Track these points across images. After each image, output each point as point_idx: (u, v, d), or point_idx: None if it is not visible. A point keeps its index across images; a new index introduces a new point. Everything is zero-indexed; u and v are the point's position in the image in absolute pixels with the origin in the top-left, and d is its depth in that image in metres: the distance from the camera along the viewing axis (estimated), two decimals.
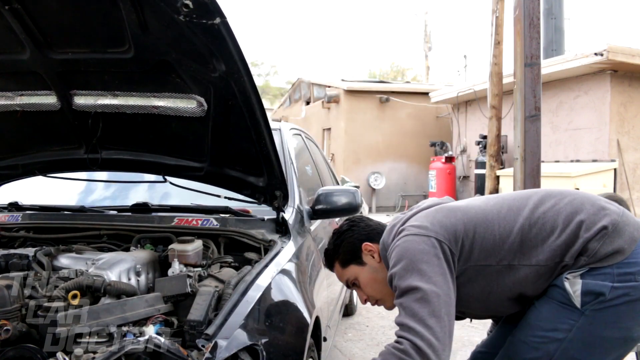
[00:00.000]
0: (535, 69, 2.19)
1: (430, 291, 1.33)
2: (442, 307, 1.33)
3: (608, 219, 1.39)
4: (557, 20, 14.14)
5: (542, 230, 1.41)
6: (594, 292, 1.35)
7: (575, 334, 1.37)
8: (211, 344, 1.17)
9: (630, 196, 9.05)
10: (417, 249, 1.39)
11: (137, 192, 2.28)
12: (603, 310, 1.35)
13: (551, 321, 1.40)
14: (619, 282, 1.34)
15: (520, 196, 1.53)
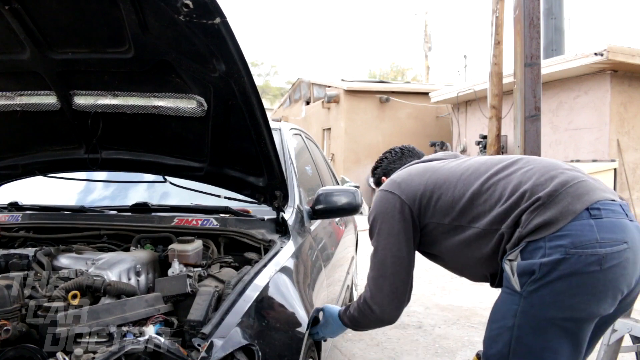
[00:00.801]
0: (535, 69, 2.19)
1: (382, 253, 1.61)
2: (389, 267, 1.60)
3: (548, 189, 1.35)
4: (557, 20, 14.15)
5: (490, 197, 1.46)
6: (526, 272, 1.32)
7: (521, 319, 1.33)
8: (207, 343, 1.17)
9: (630, 196, 9.05)
10: (383, 207, 1.63)
11: (137, 192, 2.28)
12: (539, 289, 1.30)
13: (501, 310, 1.40)
14: (548, 256, 1.28)
15: (493, 161, 1.58)
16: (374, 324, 1.71)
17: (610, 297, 1.30)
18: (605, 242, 1.27)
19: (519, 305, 1.34)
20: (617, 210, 1.33)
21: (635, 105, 9.47)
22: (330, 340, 2.27)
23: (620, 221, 1.31)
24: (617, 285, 1.29)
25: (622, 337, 2.32)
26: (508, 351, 1.36)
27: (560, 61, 9.67)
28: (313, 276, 1.97)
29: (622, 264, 1.28)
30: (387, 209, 1.61)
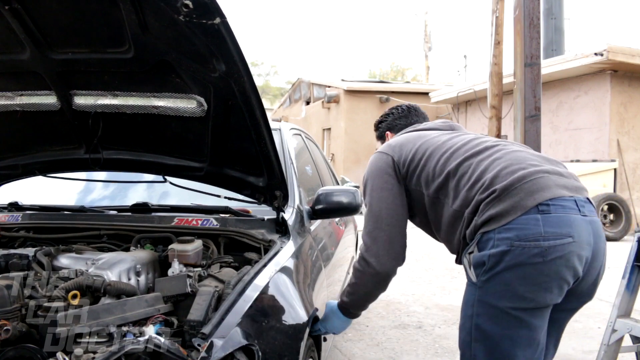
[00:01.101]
0: (535, 69, 2.19)
1: (377, 206, 1.66)
2: (384, 219, 1.64)
3: (504, 183, 1.40)
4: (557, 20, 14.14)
5: (460, 179, 1.53)
6: (479, 263, 1.40)
7: (478, 309, 1.42)
8: (207, 343, 1.17)
9: (631, 196, 9.06)
10: (377, 165, 1.71)
11: (137, 192, 2.28)
12: (490, 280, 1.38)
13: (464, 300, 1.50)
14: (496, 247, 1.36)
15: (474, 143, 1.61)
16: (372, 283, 1.68)
17: (556, 287, 1.36)
18: (548, 235, 1.33)
19: (476, 295, 1.43)
20: (569, 206, 1.38)
21: (635, 105, 9.47)
22: (330, 340, 2.27)
23: (568, 216, 1.36)
24: (562, 276, 1.35)
25: (622, 337, 2.32)
26: (470, 339, 1.45)
27: (560, 61, 9.67)
28: (313, 276, 1.97)
29: (566, 256, 1.33)
30: (381, 166, 1.70)
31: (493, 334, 1.40)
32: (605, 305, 4.17)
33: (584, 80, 9.66)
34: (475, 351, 1.43)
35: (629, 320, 2.29)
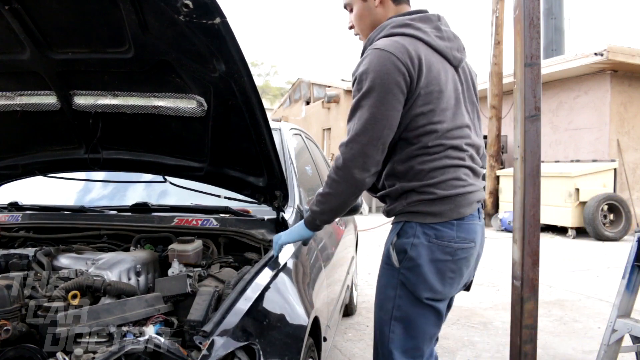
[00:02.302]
0: (535, 69, 2.18)
1: (374, 119, 1.45)
2: (379, 137, 1.46)
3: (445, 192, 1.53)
4: (557, 20, 14.14)
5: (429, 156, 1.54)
6: (401, 250, 1.54)
7: (400, 292, 1.56)
8: (208, 342, 1.17)
9: (631, 196, 9.06)
10: (387, 72, 1.44)
11: (137, 192, 2.28)
12: (412, 270, 1.53)
13: (383, 281, 1.61)
14: (417, 238, 1.53)
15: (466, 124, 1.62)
16: (348, 193, 1.51)
17: (457, 282, 1.60)
18: (459, 240, 1.54)
19: (398, 280, 1.56)
20: (475, 215, 1.60)
21: (635, 105, 9.47)
22: (330, 340, 2.27)
23: (474, 225, 1.59)
24: (462, 273, 1.60)
25: (622, 337, 2.32)
26: (390, 317, 1.58)
27: (560, 61, 9.67)
28: (313, 276, 1.97)
29: (468, 258, 1.58)
30: (392, 75, 1.44)
31: (411, 314, 1.57)
32: (605, 305, 4.17)
33: (584, 80, 9.66)
34: (393, 328, 1.58)
35: (629, 320, 2.29)
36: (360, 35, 1.69)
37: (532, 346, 2.34)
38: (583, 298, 4.60)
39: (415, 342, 1.59)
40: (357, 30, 1.68)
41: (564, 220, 8.44)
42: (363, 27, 1.66)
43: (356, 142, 1.46)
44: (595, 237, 8.09)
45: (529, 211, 2.24)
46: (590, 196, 8.24)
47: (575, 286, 5.03)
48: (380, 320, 1.62)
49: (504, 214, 9.31)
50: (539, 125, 2.21)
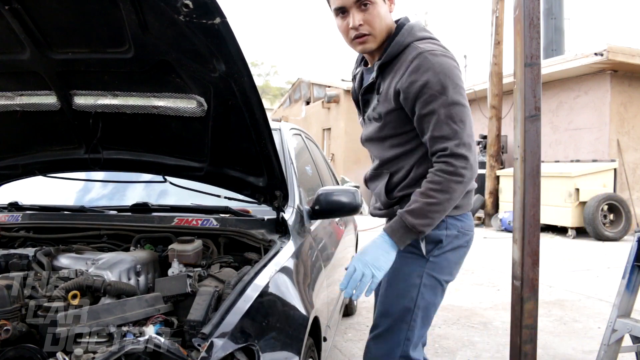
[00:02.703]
0: (535, 69, 2.18)
1: (464, 112, 1.47)
2: (469, 129, 1.48)
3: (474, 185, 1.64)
4: (557, 20, 14.14)
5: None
6: (434, 240, 1.59)
7: (425, 279, 1.60)
8: (207, 343, 1.17)
9: (631, 196, 9.05)
10: (454, 71, 1.48)
11: (137, 192, 2.28)
12: (440, 256, 1.60)
13: (405, 271, 1.61)
14: (449, 229, 1.60)
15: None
16: (458, 195, 1.48)
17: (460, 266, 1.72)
18: (472, 228, 1.69)
19: (424, 268, 1.60)
20: None
21: (635, 105, 9.47)
22: (330, 340, 2.27)
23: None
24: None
25: (622, 337, 2.32)
26: (413, 306, 1.60)
27: (560, 61, 9.67)
28: (313, 276, 1.97)
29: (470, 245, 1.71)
30: (457, 74, 1.49)
31: (430, 302, 1.63)
32: (605, 305, 4.17)
33: (584, 80, 9.66)
34: (414, 316, 1.61)
35: (629, 320, 2.29)
36: (370, 36, 1.54)
37: (532, 346, 2.34)
38: (583, 298, 4.60)
39: (426, 329, 1.68)
40: (371, 30, 1.52)
41: (564, 220, 8.44)
42: (381, 28, 1.54)
43: (472, 140, 1.49)
44: (595, 237, 8.09)
45: (529, 211, 2.24)
46: (590, 196, 8.24)
47: (575, 286, 5.03)
48: (402, 308, 1.61)
49: (504, 214, 9.31)
50: (539, 125, 2.21)
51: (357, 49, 1.59)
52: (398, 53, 1.53)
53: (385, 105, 1.57)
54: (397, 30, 1.56)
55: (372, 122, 1.66)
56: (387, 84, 1.56)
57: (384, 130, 1.62)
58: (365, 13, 1.51)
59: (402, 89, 1.49)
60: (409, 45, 1.52)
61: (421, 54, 1.47)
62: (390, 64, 1.56)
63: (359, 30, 1.52)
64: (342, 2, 1.50)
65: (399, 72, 1.51)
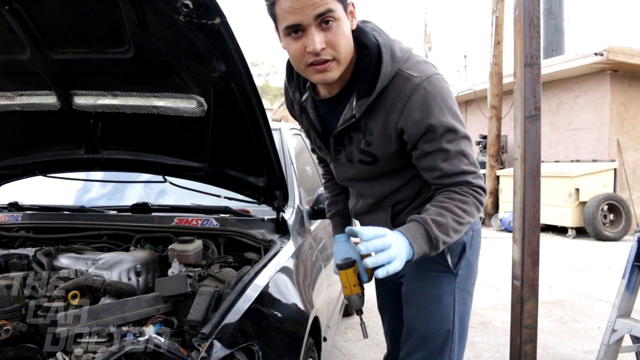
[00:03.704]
0: (535, 69, 2.18)
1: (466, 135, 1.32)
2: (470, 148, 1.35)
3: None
4: (557, 20, 14.14)
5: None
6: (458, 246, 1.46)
7: (458, 296, 1.48)
8: (207, 343, 1.17)
9: (631, 196, 9.05)
10: (448, 90, 1.30)
11: (137, 192, 2.28)
12: (464, 266, 1.48)
13: (437, 292, 1.47)
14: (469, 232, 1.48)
15: None
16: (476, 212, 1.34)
17: None
18: (478, 221, 1.52)
19: (455, 283, 1.47)
20: None
21: (635, 105, 9.47)
22: (330, 340, 2.27)
23: None
24: None
25: (622, 337, 2.32)
26: (452, 327, 1.48)
27: (560, 61, 9.67)
28: (313, 276, 1.97)
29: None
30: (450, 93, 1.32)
31: (465, 314, 1.52)
32: (605, 305, 4.17)
33: (584, 80, 9.66)
34: (454, 336, 1.48)
35: (629, 320, 2.29)
36: (334, 62, 1.23)
37: (532, 346, 2.34)
38: (583, 298, 4.60)
39: (465, 340, 1.55)
40: (336, 54, 1.22)
41: (564, 220, 8.44)
42: (346, 52, 1.25)
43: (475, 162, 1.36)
44: (595, 237, 8.09)
45: (529, 211, 2.24)
46: (590, 196, 8.24)
47: (575, 286, 5.03)
48: (443, 332, 1.47)
49: (504, 214, 9.31)
50: (539, 125, 2.21)
51: (313, 79, 1.28)
52: (385, 86, 1.28)
53: (383, 147, 1.33)
54: (367, 55, 1.29)
55: (355, 164, 1.41)
56: (379, 123, 1.31)
57: (378, 170, 1.40)
58: (328, 33, 1.19)
59: (405, 128, 1.28)
60: (397, 74, 1.27)
61: (419, 85, 1.25)
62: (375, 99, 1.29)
63: (320, 56, 1.20)
64: (298, 19, 1.17)
65: (395, 108, 1.27)
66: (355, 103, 1.30)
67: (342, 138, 1.39)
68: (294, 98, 1.48)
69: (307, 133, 1.53)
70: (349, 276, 1.33)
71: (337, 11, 1.18)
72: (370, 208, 1.51)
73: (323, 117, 1.43)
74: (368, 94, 1.28)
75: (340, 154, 1.43)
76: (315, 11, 1.15)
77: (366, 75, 1.28)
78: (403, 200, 1.45)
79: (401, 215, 1.46)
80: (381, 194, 1.46)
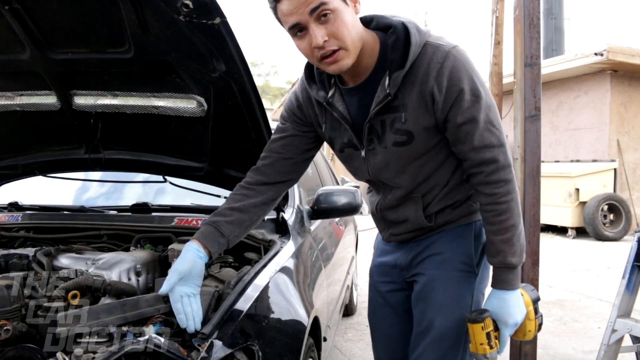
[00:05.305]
0: (535, 69, 2.18)
1: (492, 103, 1.32)
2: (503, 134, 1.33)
3: None
4: (557, 20, 14.14)
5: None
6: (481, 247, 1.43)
7: (476, 297, 1.44)
8: (207, 344, 1.17)
9: (631, 196, 9.05)
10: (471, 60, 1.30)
11: (137, 192, 2.28)
12: (484, 267, 1.44)
13: (457, 292, 1.43)
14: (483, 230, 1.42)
15: None
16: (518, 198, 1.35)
17: None
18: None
19: (474, 284, 1.43)
20: None
21: (635, 105, 9.47)
22: (330, 340, 2.27)
23: None
24: None
25: (622, 337, 2.32)
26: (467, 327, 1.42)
27: (560, 61, 9.67)
28: (313, 276, 1.97)
29: None
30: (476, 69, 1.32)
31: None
32: (605, 305, 4.17)
33: (584, 80, 9.66)
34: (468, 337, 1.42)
35: (629, 320, 2.29)
36: (342, 50, 1.23)
37: (532, 346, 2.34)
38: (583, 298, 4.60)
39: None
40: (341, 43, 1.22)
41: (564, 220, 8.44)
42: (352, 38, 1.24)
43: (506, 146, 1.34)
44: (595, 237, 8.09)
45: (529, 211, 2.24)
46: (590, 196, 8.24)
47: (575, 286, 5.03)
48: (458, 334, 1.42)
49: None
50: (539, 125, 2.21)
51: (330, 70, 1.29)
52: (416, 57, 1.28)
53: (419, 121, 1.31)
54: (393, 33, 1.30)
55: (389, 149, 1.37)
56: (414, 95, 1.29)
57: (412, 151, 1.36)
58: (328, 25, 1.20)
59: (436, 95, 1.27)
60: (426, 44, 1.28)
61: (449, 52, 1.25)
62: (407, 73, 1.29)
63: (325, 48, 1.22)
64: (296, 19, 1.20)
65: (429, 77, 1.26)
66: (389, 80, 1.29)
67: (375, 124, 1.36)
68: (317, 97, 1.41)
69: (332, 133, 1.45)
70: (476, 332, 1.31)
71: (332, 2, 1.19)
72: (399, 201, 1.47)
73: (351, 109, 1.40)
74: (401, 66, 1.27)
75: (372, 143, 1.39)
76: (309, 7, 1.17)
77: (396, 49, 1.29)
78: (433, 188, 1.42)
79: (431, 206, 1.43)
80: (412, 182, 1.42)
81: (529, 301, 1.37)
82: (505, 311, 1.33)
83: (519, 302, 1.34)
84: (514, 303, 1.33)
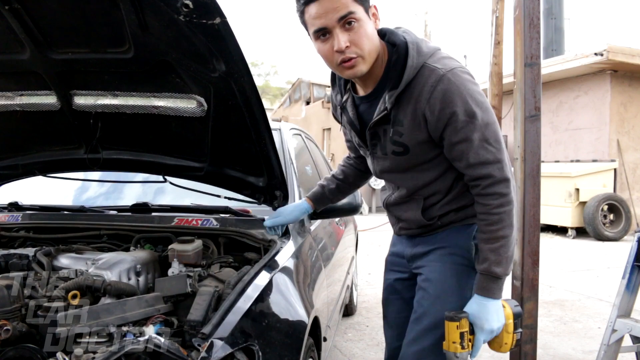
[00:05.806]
0: (535, 69, 2.18)
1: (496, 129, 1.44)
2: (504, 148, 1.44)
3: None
4: (557, 20, 14.15)
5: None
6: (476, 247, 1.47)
7: (473, 291, 1.45)
8: (207, 343, 1.17)
9: (630, 196, 9.05)
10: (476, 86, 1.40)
11: (137, 192, 2.28)
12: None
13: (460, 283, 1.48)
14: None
15: None
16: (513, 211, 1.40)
17: None
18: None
19: (473, 279, 1.45)
20: None
21: (635, 105, 9.47)
22: (330, 340, 2.27)
23: None
24: None
25: (622, 337, 2.32)
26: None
27: (560, 61, 9.67)
28: (313, 276, 1.97)
29: None
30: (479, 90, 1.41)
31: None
32: (605, 305, 4.17)
33: (584, 80, 9.66)
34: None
35: (629, 320, 2.29)
36: (359, 58, 1.34)
37: (532, 346, 2.34)
38: (583, 298, 4.60)
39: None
40: (360, 52, 1.33)
41: (564, 220, 8.44)
42: (370, 49, 1.36)
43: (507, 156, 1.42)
44: (595, 237, 8.09)
45: (529, 211, 2.24)
46: (590, 196, 8.24)
47: (575, 286, 5.03)
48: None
49: None
50: (539, 125, 2.21)
51: (345, 75, 1.41)
52: (412, 78, 1.37)
53: (414, 137, 1.41)
54: (396, 52, 1.40)
55: (389, 156, 1.49)
56: (409, 113, 1.38)
57: (411, 161, 1.47)
58: (351, 33, 1.31)
59: (428, 116, 1.36)
60: (423, 67, 1.37)
61: (443, 76, 1.34)
62: (404, 91, 1.39)
63: (345, 54, 1.32)
64: (323, 23, 1.30)
65: (422, 98, 1.35)
66: (387, 96, 1.40)
67: (377, 131, 1.48)
68: (335, 100, 1.60)
69: (349, 132, 1.62)
70: (451, 330, 1.35)
71: (358, 12, 1.31)
72: (403, 200, 1.57)
73: (362, 115, 1.52)
74: (397, 85, 1.38)
75: (376, 148, 1.52)
76: (338, 14, 1.29)
77: (395, 69, 1.39)
78: (435, 194, 1.50)
79: (432, 209, 1.51)
80: (414, 186, 1.52)
81: (509, 314, 1.41)
82: (483, 316, 1.37)
83: (498, 311, 1.38)
84: (493, 310, 1.37)
